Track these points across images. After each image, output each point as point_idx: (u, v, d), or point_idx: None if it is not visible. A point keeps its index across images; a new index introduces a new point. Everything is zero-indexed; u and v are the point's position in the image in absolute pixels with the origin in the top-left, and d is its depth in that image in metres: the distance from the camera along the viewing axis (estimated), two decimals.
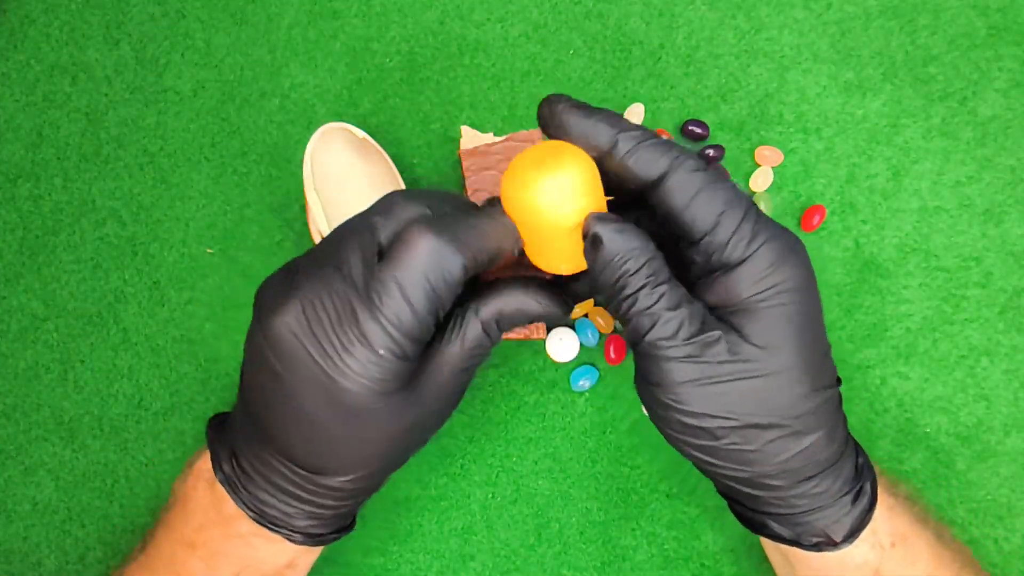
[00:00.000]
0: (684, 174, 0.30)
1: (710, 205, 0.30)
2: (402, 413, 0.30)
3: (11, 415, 0.43)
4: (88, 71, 0.46)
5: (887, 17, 0.46)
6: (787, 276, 0.30)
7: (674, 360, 0.30)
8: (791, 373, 0.30)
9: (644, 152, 0.30)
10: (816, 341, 0.31)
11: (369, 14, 0.46)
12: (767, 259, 0.30)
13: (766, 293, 0.30)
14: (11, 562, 0.42)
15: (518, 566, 0.42)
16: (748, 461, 0.31)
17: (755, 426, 0.30)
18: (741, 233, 0.30)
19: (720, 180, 0.30)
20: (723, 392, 0.30)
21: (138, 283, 0.44)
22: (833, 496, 0.31)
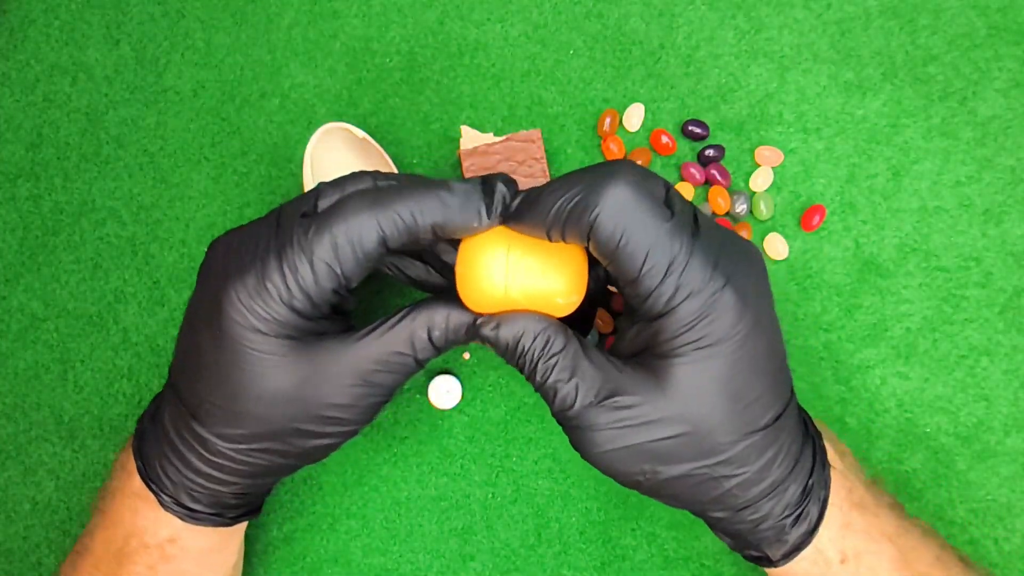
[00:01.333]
0: (607, 217, 0.28)
1: (633, 253, 0.28)
2: (280, 374, 0.30)
3: (11, 415, 0.43)
4: (88, 71, 0.46)
5: (887, 17, 0.46)
6: (710, 330, 0.29)
7: (586, 429, 0.30)
8: (710, 426, 0.30)
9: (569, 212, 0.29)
10: (747, 388, 0.30)
11: (369, 14, 0.46)
12: (687, 315, 0.29)
13: (685, 349, 0.29)
14: (11, 562, 0.42)
15: (518, 566, 0.42)
16: (686, 499, 0.32)
17: (680, 476, 0.31)
18: (664, 286, 0.29)
19: (645, 214, 0.28)
20: (643, 452, 0.30)
21: (138, 283, 0.44)
22: (772, 520, 0.32)
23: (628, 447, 0.30)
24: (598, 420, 0.30)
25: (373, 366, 0.31)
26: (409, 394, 0.43)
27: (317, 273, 0.29)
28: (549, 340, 0.31)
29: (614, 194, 0.28)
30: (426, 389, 0.43)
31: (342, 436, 0.32)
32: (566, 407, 0.31)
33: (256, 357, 0.30)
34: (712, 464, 0.30)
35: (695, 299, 0.29)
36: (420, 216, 0.30)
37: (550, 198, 0.29)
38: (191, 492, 0.33)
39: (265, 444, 0.31)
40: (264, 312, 0.29)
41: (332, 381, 0.31)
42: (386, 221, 0.30)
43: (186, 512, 0.33)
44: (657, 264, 0.28)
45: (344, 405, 0.31)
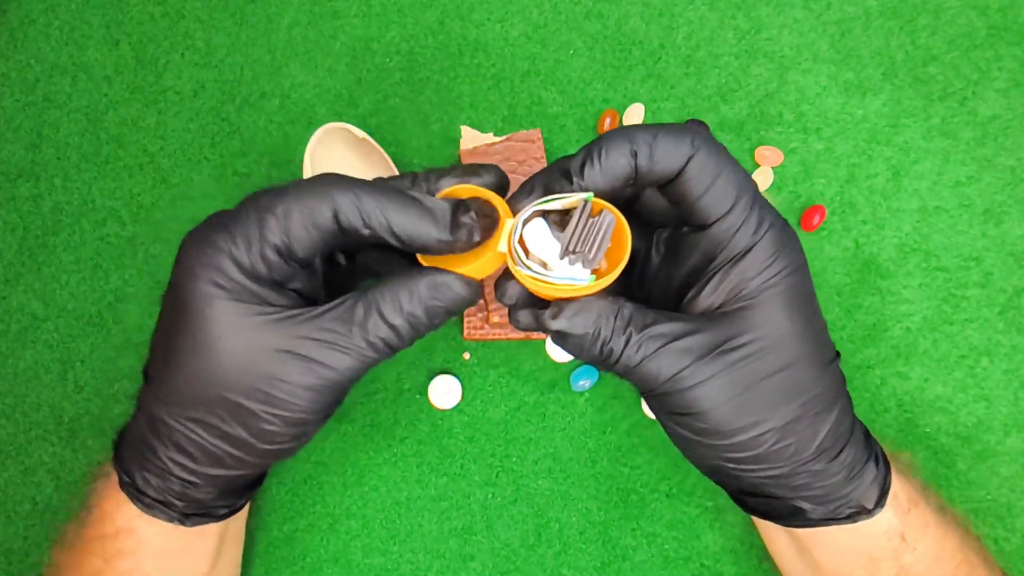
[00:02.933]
0: (702, 161, 0.29)
1: (724, 193, 0.30)
2: (223, 334, 0.29)
3: (11, 415, 0.43)
4: (88, 71, 0.46)
5: (887, 17, 0.46)
6: (789, 260, 0.30)
7: (697, 386, 0.30)
8: (808, 355, 0.30)
9: (662, 148, 0.29)
10: (817, 317, 0.32)
11: (369, 14, 0.46)
12: (771, 246, 0.30)
13: (773, 280, 0.30)
14: (11, 562, 0.42)
15: (518, 566, 0.42)
16: (788, 455, 0.31)
17: (791, 422, 0.30)
18: (750, 221, 0.30)
19: (732, 163, 0.30)
20: (755, 398, 0.30)
21: (138, 283, 0.44)
22: (860, 464, 0.32)
23: (744, 392, 0.30)
24: (709, 371, 0.29)
25: (314, 334, 0.29)
26: (409, 394, 0.43)
27: (265, 227, 0.29)
28: (631, 316, 0.30)
29: (709, 137, 0.30)
30: (426, 389, 0.43)
31: (291, 426, 0.30)
32: (676, 371, 0.29)
33: (199, 313, 0.29)
34: (813, 398, 0.30)
35: (776, 229, 0.30)
36: (377, 206, 0.29)
37: (632, 135, 0.29)
38: (143, 472, 0.32)
39: (204, 415, 0.30)
40: (218, 265, 0.29)
41: (269, 351, 0.29)
42: (343, 198, 0.29)
43: (136, 494, 0.32)
44: (744, 200, 0.30)
45: (282, 381, 0.29)
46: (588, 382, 0.43)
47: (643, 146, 0.29)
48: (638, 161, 0.29)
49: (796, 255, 0.31)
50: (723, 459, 0.31)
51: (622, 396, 0.43)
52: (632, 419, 0.43)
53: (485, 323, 0.42)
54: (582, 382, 0.43)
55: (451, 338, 0.44)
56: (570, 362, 0.43)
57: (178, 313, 0.30)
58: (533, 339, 0.42)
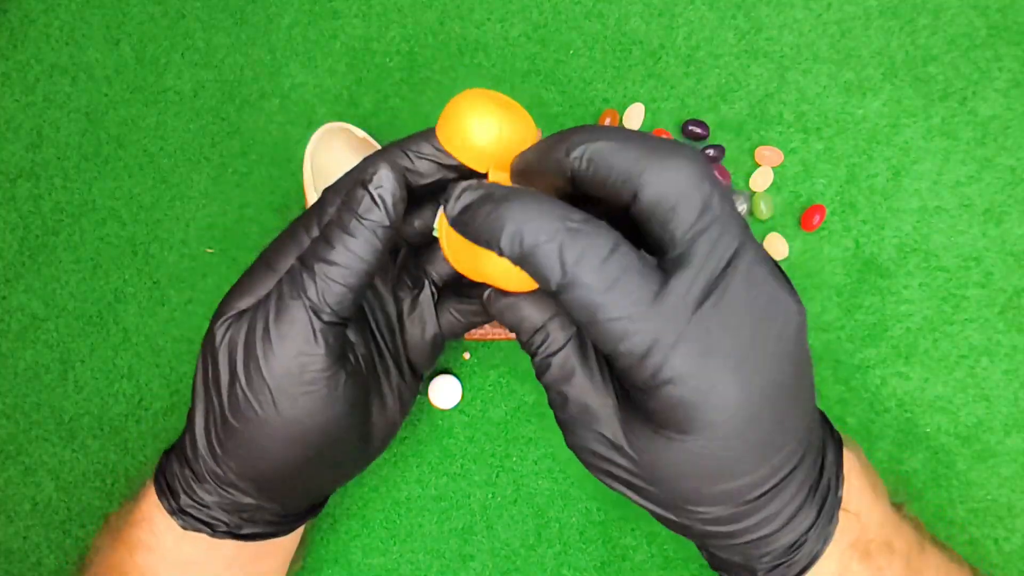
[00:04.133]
0: (693, 206, 0.27)
1: (716, 247, 0.27)
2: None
3: (11, 415, 0.43)
4: (88, 71, 0.46)
5: (887, 17, 0.46)
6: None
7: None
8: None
9: (651, 173, 0.27)
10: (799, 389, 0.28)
11: (369, 14, 0.46)
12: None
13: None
14: (11, 562, 0.42)
15: (518, 566, 0.42)
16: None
17: (666, 519, 0.30)
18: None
19: (724, 211, 0.27)
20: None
21: (138, 283, 0.44)
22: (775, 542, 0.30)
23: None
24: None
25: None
26: None
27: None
28: (544, 339, 0.31)
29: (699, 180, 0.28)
30: (426, 389, 0.43)
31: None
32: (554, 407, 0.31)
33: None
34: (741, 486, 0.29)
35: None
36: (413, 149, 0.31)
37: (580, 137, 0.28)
38: (172, 452, 0.33)
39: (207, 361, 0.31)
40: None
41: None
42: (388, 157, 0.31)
43: (159, 475, 0.33)
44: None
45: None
46: None
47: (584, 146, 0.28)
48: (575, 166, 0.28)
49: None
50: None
51: None
52: None
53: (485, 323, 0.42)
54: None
55: None
56: None
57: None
58: None
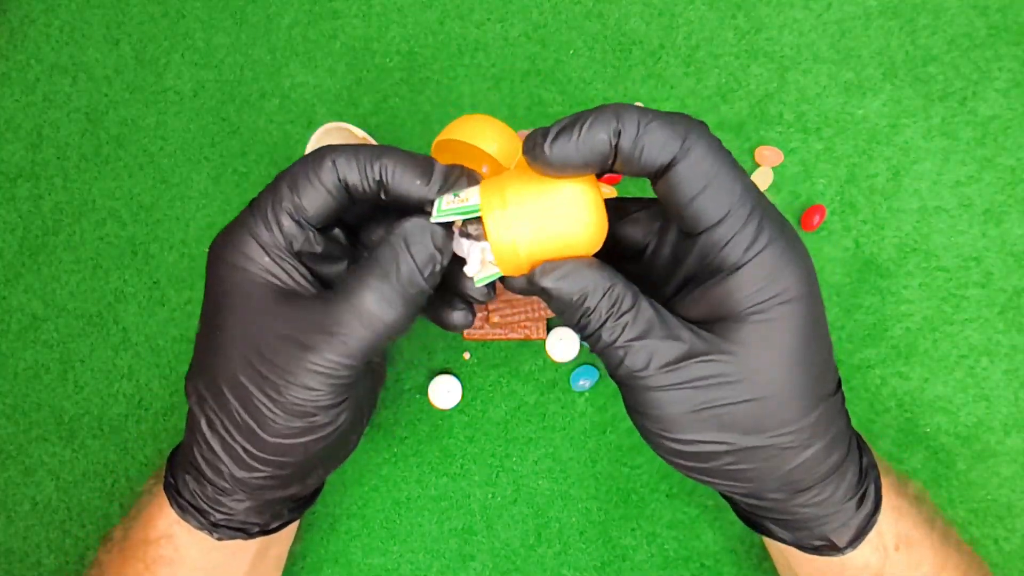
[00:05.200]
0: (693, 163, 0.27)
1: (716, 201, 0.27)
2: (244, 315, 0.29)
3: (11, 415, 0.43)
4: (88, 71, 0.46)
5: (887, 17, 0.46)
6: (787, 285, 0.28)
7: (655, 389, 0.28)
8: (787, 392, 0.28)
9: (649, 140, 0.27)
10: (816, 352, 0.29)
11: (369, 14, 0.46)
12: (767, 266, 0.27)
13: (763, 305, 0.27)
14: (11, 562, 0.42)
15: (518, 566, 0.42)
16: (744, 479, 0.30)
17: (750, 448, 0.29)
18: (743, 235, 0.27)
19: (731, 169, 0.27)
20: (714, 417, 0.28)
21: (138, 283, 0.44)
22: (836, 503, 0.31)
23: (702, 410, 0.28)
24: (674, 379, 0.28)
25: (316, 317, 0.29)
26: (409, 394, 0.43)
27: (276, 195, 0.30)
28: (618, 297, 0.28)
29: (705, 131, 0.27)
30: (426, 389, 0.43)
31: (291, 416, 0.29)
32: (636, 368, 0.28)
33: (221, 294, 0.30)
34: (787, 433, 0.28)
35: (774, 249, 0.27)
36: (372, 154, 0.30)
37: (622, 113, 0.27)
38: (184, 473, 0.33)
39: (221, 401, 0.30)
40: (233, 239, 0.30)
41: (273, 335, 0.29)
42: (341, 152, 0.30)
43: (175, 495, 0.33)
44: (741, 210, 0.27)
45: (278, 367, 0.29)
46: (588, 382, 0.43)
47: (630, 128, 0.27)
48: (620, 143, 0.27)
49: (798, 280, 0.28)
50: (676, 464, 0.30)
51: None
52: None
53: (485, 323, 0.42)
54: (582, 382, 0.43)
55: (451, 338, 0.44)
56: (570, 362, 0.43)
57: (206, 298, 0.31)
58: (533, 339, 0.42)
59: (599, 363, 0.43)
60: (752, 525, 0.34)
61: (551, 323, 0.43)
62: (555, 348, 0.43)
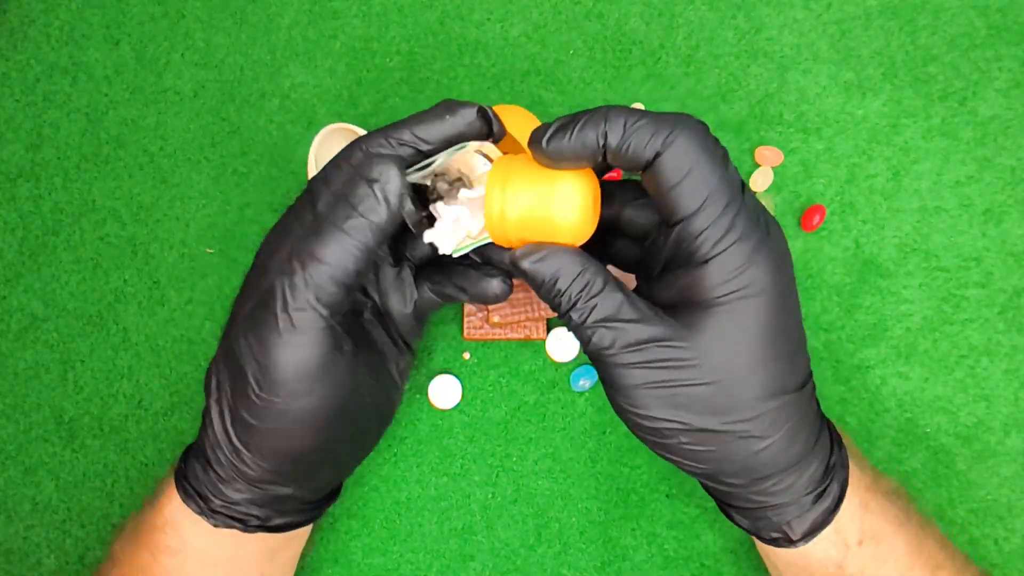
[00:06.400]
0: (674, 155, 0.29)
1: (693, 191, 0.29)
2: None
3: (11, 415, 0.43)
4: (88, 71, 0.46)
5: (887, 17, 0.46)
6: (753, 280, 0.29)
7: (621, 366, 0.30)
8: (744, 381, 0.30)
9: (635, 139, 0.29)
10: (780, 344, 0.30)
11: (369, 14, 0.46)
12: (735, 260, 0.29)
13: (727, 298, 0.29)
14: (11, 562, 0.42)
15: (518, 566, 0.42)
16: (703, 460, 0.31)
17: (707, 430, 0.30)
18: (716, 227, 0.29)
19: (711, 162, 0.29)
20: (673, 395, 0.30)
21: (138, 283, 0.44)
22: (794, 495, 0.32)
23: (660, 387, 0.30)
24: (635, 359, 0.30)
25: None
26: (409, 394, 0.43)
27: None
28: (588, 282, 0.30)
29: (691, 127, 0.29)
30: (426, 389, 0.43)
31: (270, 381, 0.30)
32: (603, 347, 0.30)
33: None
34: (742, 421, 0.30)
35: (744, 244, 0.29)
36: (394, 130, 0.32)
37: (611, 116, 0.29)
38: (193, 459, 0.34)
39: (224, 368, 0.32)
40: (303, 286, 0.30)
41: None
42: (367, 140, 0.32)
43: (182, 480, 0.34)
44: (715, 203, 0.29)
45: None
46: (588, 382, 0.43)
47: (616, 129, 0.29)
48: (608, 141, 0.29)
49: (766, 276, 0.29)
50: (641, 438, 0.32)
51: None
52: None
53: (485, 323, 0.42)
54: (582, 382, 0.43)
55: (451, 338, 0.44)
56: (570, 362, 0.43)
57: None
58: (533, 339, 0.42)
59: None
60: (721, 510, 0.35)
61: (551, 323, 0.43)
62: (555, 348, 0.43)
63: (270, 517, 0.34)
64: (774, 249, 0.30)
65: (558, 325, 0.43)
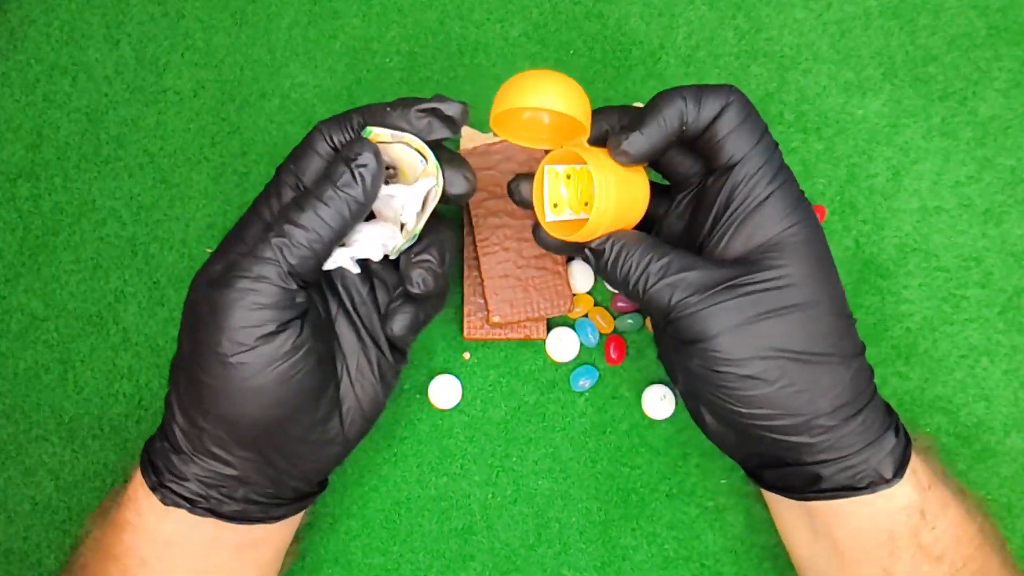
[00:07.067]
0: (736, 107, 0.32)
1: (747, 134, 0.32)
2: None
3: (11, 415, 0.43)
4: (88, 71, 0.46)
5: (887, 17, 0.46)
6: (806, 214, 0.32)
7: (706, 310, 0.30)
8: (827, 300, 0.31)
9: (707, 102, 0.32)
10: (836, 274, 0.33)
11: (369, 14, 0.46)
12: (788, 196, 0.32)
13: (793, 228, 0.31)
14: (11, 562, 0.42)
15: (518, 566, 0.42)
16: (802, 402, 0.30)
17: (804, 360, 0.30)
18: (767, 169, 0.32)
19: (758, 120, 0.32)
20: (765, 330, 0.30)
21: (138, 283, 0.44)
22: (879, 430, 0.32)
23: (754, 322, 0.30)
24: (722, 297, 0.30)
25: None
26: (409, 394, 0.43)
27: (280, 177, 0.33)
28: (652, 246, 0.32)
29: (743, 95, 0.33)
30: (426, 389, 0.43)
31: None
32: (687, 295, 0.31)
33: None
34: (834, 343, 0.31)
35: (790, 185, 0.32)
36: (352, 113, 0.34)
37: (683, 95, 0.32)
38: (158, 438, 0.34)
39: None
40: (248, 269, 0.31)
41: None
42: (327, 122, 0.34)
43: (144, 455, 0.34)
44: (766, 148, 0.32)
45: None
46: (588, 382, 0.43)
47: (691, 106, 0.32)
48: (686, 120, 0.32)
49: (809, 213, 0.32)
50: (734, 398, 0.31)
51: (622, 396, 0.43)
52: (632, 419, 0.43)
53: (485, 323, 0.42)
54: (582, 382, 0.43)
55: (451, 338, 0.44)
56: (570, 362, 0.43)
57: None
58: (533, 339, 0.42)
59: (599, 363, 0.43)
60: (792, 489, 0.34)
61: (551, 323, 0.43)
62: (555, 348, 0.43)
63: (221, 502, 0.33)
64: (803, 193, 0.33)
65: (558, 325, 0.43)
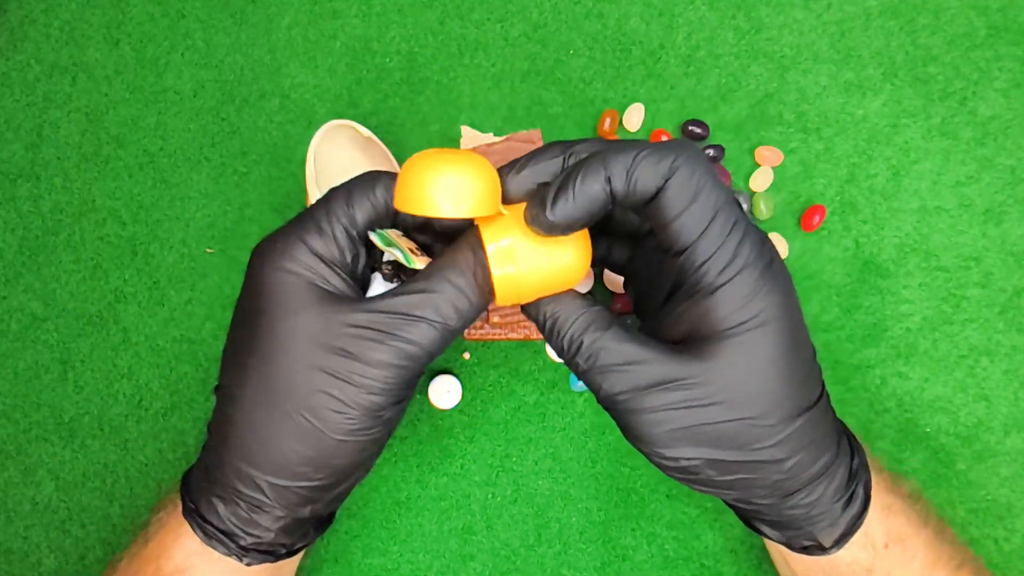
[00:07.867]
0: (680, 182, 0.28)
1: (699, 218, 0.28)
2: (307, 313, 0.29)
3: (11, 415, 0.43)
4: (88, 71, 0.46)
5: (887, 17, 0.46)
6: (762, 307, 0.28)
7: (639, 412, 0.29)
8: (766, 408, 0.29)
9: (640, 172, 0.28)
10: (794, 365, 0.29)
11: (369, 14, 0.46)
12: (743, 288, 0.28)
13: (738, 328, 0.28)
14: (11, 562, 0.42)
15: (518, 566, 0.42)
16: (731, 487, 0.31)
17: (735, 461, 0.30)
18: (722, 254, 0.28)
19: (714, 188, 0.28)
20: (694, 436, 0.29)
21: (138, 283, 0.44)
22: (824, 504, 0.31)
23: (684, 429, 0.29)
24: (652, 403, 0.29)
25: (392, 308, 0.29)
26: None
27: (332, 208, 0.31)
28: (590, 322, 0.30)
29: (692, 153, 0.28)
30: (426, 389, 0.43)
31: (365, 411, 0.29)
32: (615, 392, 0.29)
33: (271, 297, 0.30)
34: (768, 447, 0.29)
35: (751, 271, 0.28)
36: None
37: (609, 162, 0.28)
38: (210, 496, 0.32)
39: (274, 408, 0.29)
40: (285, 249, 0.30)
41: (344, 327, 0.29)
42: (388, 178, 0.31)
43: (200, 522, 0.31)
44: (719, 231, 0.28)
45: (356, 359, 0.29)
46: None
47: (619, 172, 0.28)
48: (613, 187, 0.28)
49: (773, 303, 0.28)
50: (667, 474, 0.31)
51: None
52: None
53: (485, 323, 0.42)
54: (582, 382, 0.43)
55: None
56: None
57: (246, 302, 0.31)
58: (533, 339, 0.42)
59: None
60: (746, 523, 0.35)
61: None
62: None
63: (296, 542, 0.33)
64: (781, 272, 0.29)
65: None
